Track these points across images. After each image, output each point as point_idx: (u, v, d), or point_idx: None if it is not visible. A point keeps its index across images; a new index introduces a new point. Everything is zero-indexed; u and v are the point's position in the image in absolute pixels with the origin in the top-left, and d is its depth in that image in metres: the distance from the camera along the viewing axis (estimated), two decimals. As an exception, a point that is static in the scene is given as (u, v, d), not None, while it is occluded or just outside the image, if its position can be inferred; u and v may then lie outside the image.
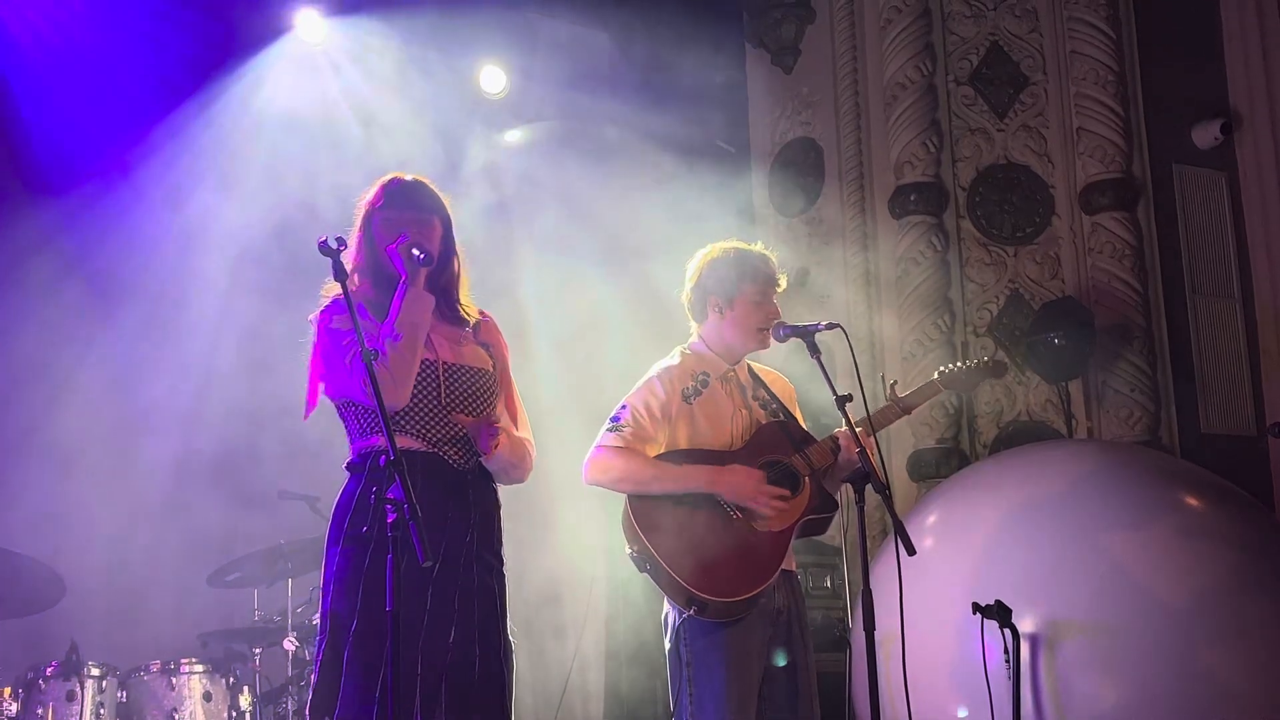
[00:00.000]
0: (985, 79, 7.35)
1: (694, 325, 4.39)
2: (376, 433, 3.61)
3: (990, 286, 7.17)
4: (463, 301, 3.88)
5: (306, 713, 3.52)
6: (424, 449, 3.62)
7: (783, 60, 8.22)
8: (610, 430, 4.15)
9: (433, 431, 3.65)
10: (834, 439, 4.22)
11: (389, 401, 3.45)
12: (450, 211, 3.86)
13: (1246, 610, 4.77)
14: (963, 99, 7.37)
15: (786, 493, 4.14)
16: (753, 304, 4.28)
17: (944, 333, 7.10)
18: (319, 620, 3.61)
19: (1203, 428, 7.00)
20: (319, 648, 3.55)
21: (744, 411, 4.29)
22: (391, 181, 3.82)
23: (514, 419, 3.91)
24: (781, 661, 4.15)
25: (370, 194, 3.81)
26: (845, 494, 4.25)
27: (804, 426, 4.40)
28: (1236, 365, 7.20)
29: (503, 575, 3.76)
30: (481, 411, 3.75)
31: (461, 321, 3.84)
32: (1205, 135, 7.34)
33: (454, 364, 3.73)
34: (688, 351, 4.34)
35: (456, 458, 3.68)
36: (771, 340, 4.32)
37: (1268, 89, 7.45)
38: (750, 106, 8.48)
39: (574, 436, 4.56)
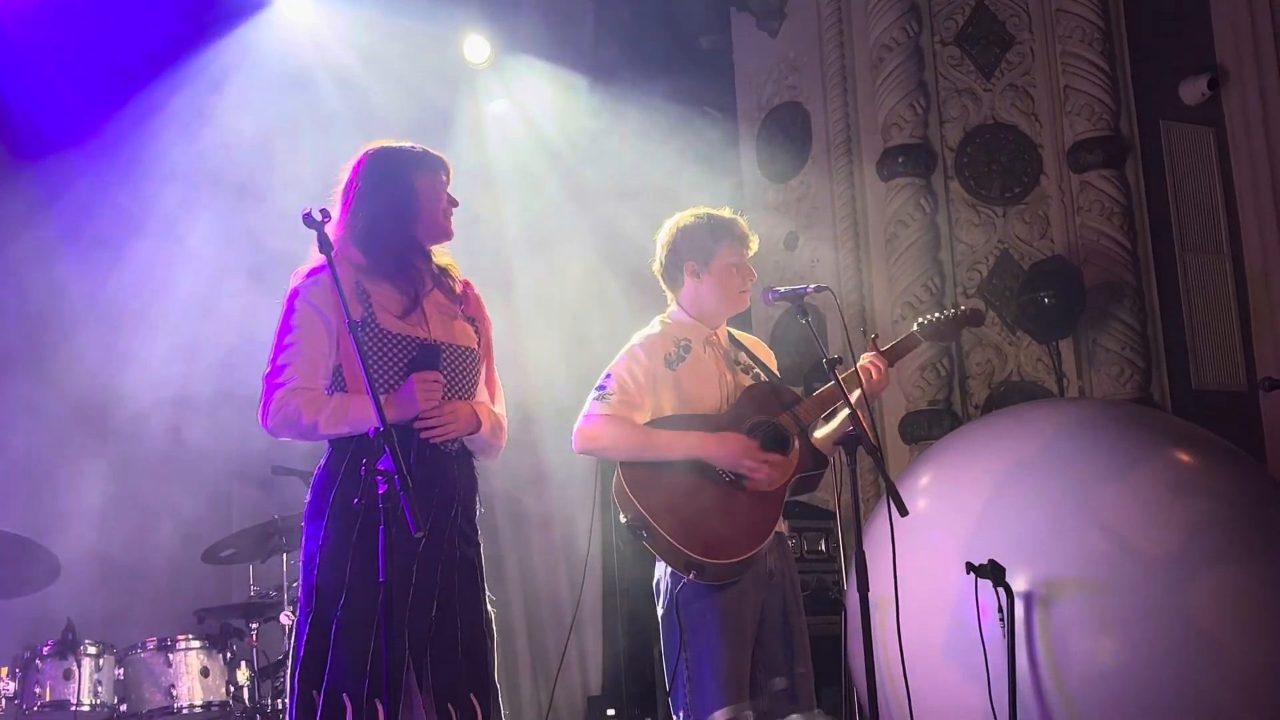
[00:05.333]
0: (971, 39, 7.31)
1: (670, 295, 4.40)
2: None
3: (979, 247, 7.16)
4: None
5: (294, 685, 3.51)
6: (407, 424, 3.60)
7: (768, 24, 8.17)
8: (597, 399, 4.16)
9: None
10: (856, 373, 4.28)
11: (263, 425, 3.62)
12: (443, 160, 3.84)
13: (1239, 565, 4.77)
14: (949, 59, 7.33)
15: (777, 457, 4.16)
16: (730, 265, 4.30)
17: (934, 294, 7.10)
18: (300, 593, 3.60)
19: (1194, 384, 7.00)
20: (302, 621, 3.54)
21: (729, 375, 4.31)
22: (367, 152, 3.81)
23: (491, 395, 3.91)
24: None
25: (351, 164, 3.81)
26: (838, 456, 4.27)
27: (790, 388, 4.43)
28: (1227, 321, 7.19)
29: (479, 547, 3.77)
30: (467, 391, 3.75)
31: (450, 289, 3.84)
32: (1193, 91, 7.31)
33: (446, 343, 3.72)
34: (668, 320, 4.36)
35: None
36: (750, 301, 4.37)
37: (1254, 43, 7.41)
38: (736, 71, 8.45)
39: (568, 406, 4.56)
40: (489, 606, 3.74)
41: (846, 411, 4.18)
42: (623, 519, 4.14)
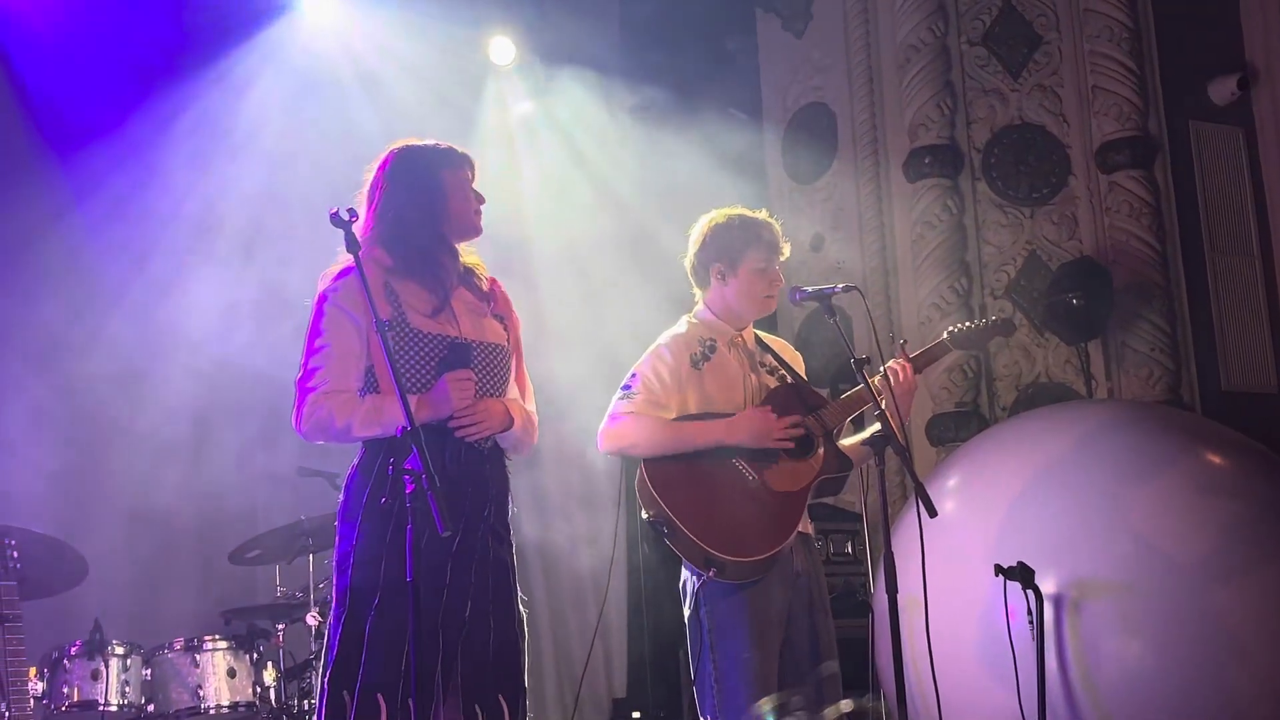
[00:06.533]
0: (998, 39, 7.28)
1: (698, 293, 4.39)
2: None
3: (1007, 248, 7.12)
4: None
5: (325, 686, 3.51)
6: (440, 424, 3.60)
7: (794, 25, 8.16)
8: (622, 398, 4.16)
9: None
10: (884, 375, 4.26)
11: (296, 430, 3.63)
12: (467, 157, 3.84)
13: (1269, 568, 4.74)
14: (976, 60, 7.30)
15: (798, 417, 4.14)
16: (756, 271, 4.28)
17: (961, 296, 7.07)
18: (334, 594, 3.60)
19: (1223, 386, 6.96)
20: (335, 622, 3.54)
21: (752, 376, 4.30)
22: (392, 151, 3.81)
23: (522, 391, 3.89)
24: None
25: (376, 163, 3.81)
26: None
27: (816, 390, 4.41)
28: (1256, 322, 7.14)
29: (512, 546, 3.76)
30: (499, 389, 3.74)
31: (478, 287, 3.83)
32: (1222, 91, 7.26)
33: (476, 341, 3.71)
34: (694, 320, 4.35)
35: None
36: (775, 306, 4.35)
37: (1284, 43, 7.37)
38: (762, 72, 8.43)
39: (593, 406, 4.56)
40: (521, 607, 3.73)
41: (877, 419, 4.15)
42: (644, 515, 4.13)
